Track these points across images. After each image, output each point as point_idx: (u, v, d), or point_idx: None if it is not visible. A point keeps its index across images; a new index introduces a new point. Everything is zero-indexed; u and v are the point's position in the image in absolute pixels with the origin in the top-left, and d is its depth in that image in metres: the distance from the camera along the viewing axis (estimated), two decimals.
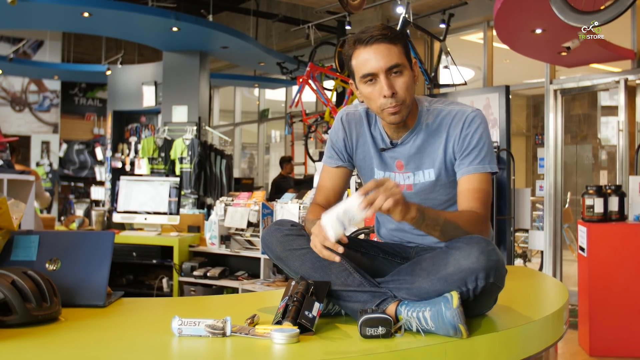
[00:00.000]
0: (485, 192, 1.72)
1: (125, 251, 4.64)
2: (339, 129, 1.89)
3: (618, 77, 5.95)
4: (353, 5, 6.24)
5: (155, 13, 7.47)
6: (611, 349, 4.17)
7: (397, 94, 1.69)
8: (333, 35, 9.22)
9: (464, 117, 1.75)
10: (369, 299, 1.58)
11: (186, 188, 8.05)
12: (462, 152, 1.74)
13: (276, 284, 4.17)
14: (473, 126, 1.73)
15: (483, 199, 1.71)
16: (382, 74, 1.68)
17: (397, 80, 1.69)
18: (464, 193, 1.72)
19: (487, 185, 1.73)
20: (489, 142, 1.75)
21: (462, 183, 1.74)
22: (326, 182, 1.92)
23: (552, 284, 2.50)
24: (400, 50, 1.69)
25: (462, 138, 1.74)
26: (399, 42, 1.70)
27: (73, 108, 12.35)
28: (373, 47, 1.68)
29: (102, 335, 1.55)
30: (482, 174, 1.72)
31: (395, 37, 1.69)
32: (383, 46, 1.67)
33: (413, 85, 1.72)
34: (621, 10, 3.42)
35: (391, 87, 1.68)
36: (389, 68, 1.67)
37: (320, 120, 7.73)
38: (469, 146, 1.73)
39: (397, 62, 1.68)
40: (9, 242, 1.89)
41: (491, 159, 1.74)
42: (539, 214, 7.36)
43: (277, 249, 1.76)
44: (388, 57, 1.67)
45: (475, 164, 1.72)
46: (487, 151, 1.74)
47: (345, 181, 1.93)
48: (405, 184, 1.81)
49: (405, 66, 1.70)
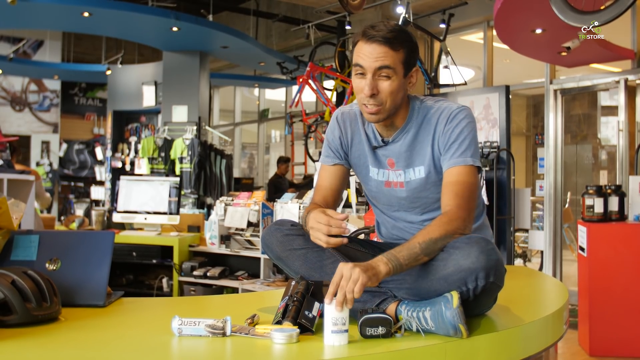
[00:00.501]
0: (464, 185, 1.69)
1: (125, 251, 4.64)
2: (334, 127, 1.90)
3: (618, 77, 5.95)
4: (353, 5, 6.24)
5: (155, 13, 7.47)
6: (611, 349, 4.17)
7: (378, 96, 1.69)
8: (333, 35, 9.22)
9: (449, 113, 1.75)
10: (369, 299, 1.58)
11: (186, 188, 8.05)
12: (445, 146, 1.74)
13: (276, 283, 4.17)
14: (455, 121, 1.74)
15: (460, 191, 1.67)
16: (369, 73, 1.68)
17: (382, 83, 1.69)
18: (444, 187, 1.72)
19: (467, 177, 1.70)
20: (471, 136, 1.73)
21: (444, 178, 1.73)
22: (324, 181, 1.92)
23: (552, 284, 2.50)
24: (398, 56, 1.68)
25: (444, 133, 1.74)
26: (401, 49, 1.69)
27: (73, 108, 12.35)
28: (372, 45, 1.68)
29: (102, 335, 1.55)
30: (462, 167, 1.70)
31: (398, 42, 1.68)
32: (381, 48, 1.67)
33: (400, 91, 1.71)
34: (621, 10, 3.42)
35: (373, 88, 1.68)
36: (377, 68, 1.67)
37: (320, 120, 7.73)
38: (450, 139, 1.73)
39: (389, 64, 1.67)
40: (9, 242, 1.89)
41: (474, 152, 1.73)
42: (539, 214, 7.36)
43: (277, 249, 1.76)
44: (381, 59, 1.67)
45: (455, 157, 1.72)
46: (469, 145, 1.72)
47: (342, 179, 1.92)
48: (398, 182, 1.82)
49: (396, 72, 1.69)
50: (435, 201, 1.81)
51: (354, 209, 4.47)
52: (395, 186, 1.82)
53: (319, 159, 1.97)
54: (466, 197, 1.67)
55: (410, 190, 1.81)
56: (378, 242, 1.94)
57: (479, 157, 1.76)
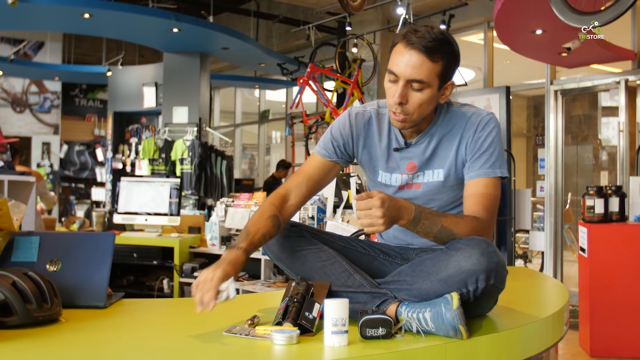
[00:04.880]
0: (490, 197, 1.69)
1: (125, 252, 4.64)
2: (345, 125, 1.83)
3: (618, 77, 5.95)
4: (353, 6, 6.24)
5: (156, 14, 7.47)
6: (612, 350, 4.17)
7: (406, 106, 1.66)
8: (333, 36, 9.23)
9: (478, 119, 1.73)
10: (369, 300, 1.59)
11: (187, 189, 8.05)
12: (473, 155, 1.72)
13: (277, 284, 4.17)
14: (487, 130, 1.72)
15: (487, 204, 1.68)
16: (401, 81, 1.64)
17: (412, 94, 1.65)
18: (470, 197, 1.70)
19: (494, 190, 1.70)
20: (500, 146, 1.74)
21: (469, 186, 1.72)
22: (309, 169, 1.83)
23: (553, 285, 2.50)
24: (435, 68, 1.63)
25: (474, 141, 1.72)
26: (440, 60, 1.63)
27: (74, 109, 12.35)
28: (410, 52, 1.62)
29: (103, 336, 1.55)
30: (490, 179, 1.70)
31: (438, 53, 1.62)
32: (419, 57, 1.61)
33: (430, 104, 1.68)
34: (621, 11, 3.42)
35: (403, 97, 1.64)
36: (410, 80, 1.63)
37: (320, 121, 7.73)
38: (480, 149, 1.71)
39: (422, 79, 1.62)
40: (9, 243, 1.89)
41: (501, 163, 1.72)
42: (540, 215, 7.35)
43: (278, 250, 1.76)
44: (417, 69, 1.62)
45: (485, 168, 1.71)
46: (498, 155, 1.72)
47: (329, 175, 1.86)
48: (414, 183, 1.80)
49: (430, 85, 1.64)
50: (448, 203, 1.79)
51: (354, 210, 4.46)
52: (410, 187, 1.79)
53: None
54: (492, 212, 1.69)
55: (425, 192, 1.78)
56: (378, 243, 1.94)
57: (505, 166, 1.76)
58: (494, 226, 1.73)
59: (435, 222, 1.59)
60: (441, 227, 1.59)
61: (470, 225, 1.62)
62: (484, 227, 1.65)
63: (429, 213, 1.60)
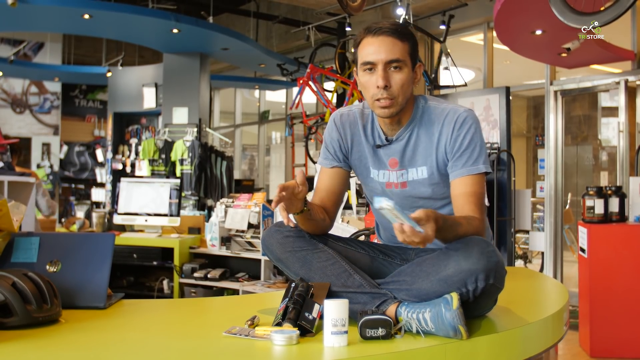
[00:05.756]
0: (479, 195, 1.73)
1: (125, 253, 4.64)
2: (332, 130, 1.89)
3: (618, 78, 5.95)
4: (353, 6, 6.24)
5: (156, 15, 7.47)
6: (612, 350, 4.17)
7: (390, 88, 1.70)
8: (333, 36, 9.23)
9: (455, 116, 1.75)
10: (368, 300, 1.59)
11: (187, 190, 8.05)
12: (454, 153, 1.74)
13: (276, 285, 4.17)
14: (465, 127, 1.74)
15: (478, 202, 1.72)
16: (380, 65, 1.69)
17: (394, 75, 1.70)
18: (459, 197, 1.72)
19: (480, 188, 1.74)
20: (480, 142, 1.75)
21: (456, 186, 1.74)
22: (322, 183, 1.91)
23: (553, 285, 2.50)
24: (405, 48, 1.71)
25: (453, 139, 1.74)
26: (407, 41, 1.71)
27: (73, 110, 12.34)
28: (379, 39, 1.69)
29: (103, 337, 1.55)
30: (475, 176, 1.73)
31: (404, 34, 1.71)
32: (389, 39, 1.69)
33: (410, 84, 1.73)
34: (621, 11, 3.42)
35: (386, 79, 1.69)
36: (388, 61, 1.69)
37: (320, 122, 7.73)
38: (461, 147, 1.73)
39: (399, 57, 1.69)
40: (9, 244, 1.89)
41: (485, 159, 1.75)
42: (540, 215, 7.36)
43: (278, 251, 1.76)
44: (391, 50, 1.69)
45: (468, 165, 1.73)
46: (480, 151, 1.74)
47: (341, 182, 1.91)
48: (399, 182, 1.82)
49: (406, 64, 1.71)
50: (436, 201, 1.81)
51: (354, 211, 4.46)
52: (397, 187, 1.82)
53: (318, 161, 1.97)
54: (483, 209, 1.73)
55: (412, 190, 1.81)
56: (378, 244, 1.94)
57: (488, 161, 1.77)
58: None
59: (452, 230, 1.57)
60: (456, 234, 1.59)
61: (473, 226, 1.65)
62: (482, 226, 1.69)
63: (446, 219, 1.55)
